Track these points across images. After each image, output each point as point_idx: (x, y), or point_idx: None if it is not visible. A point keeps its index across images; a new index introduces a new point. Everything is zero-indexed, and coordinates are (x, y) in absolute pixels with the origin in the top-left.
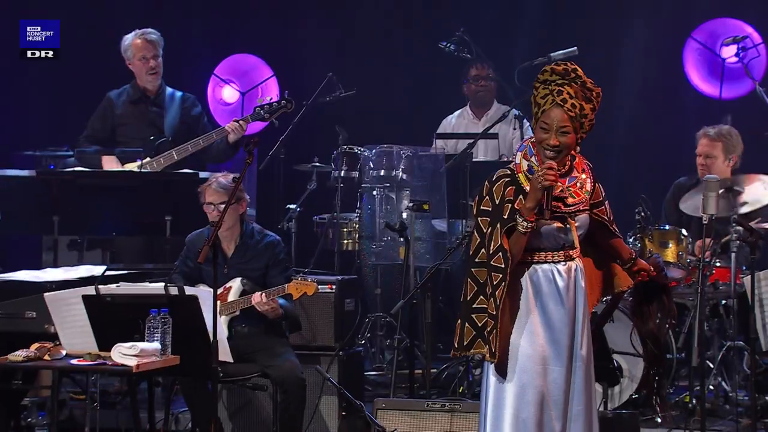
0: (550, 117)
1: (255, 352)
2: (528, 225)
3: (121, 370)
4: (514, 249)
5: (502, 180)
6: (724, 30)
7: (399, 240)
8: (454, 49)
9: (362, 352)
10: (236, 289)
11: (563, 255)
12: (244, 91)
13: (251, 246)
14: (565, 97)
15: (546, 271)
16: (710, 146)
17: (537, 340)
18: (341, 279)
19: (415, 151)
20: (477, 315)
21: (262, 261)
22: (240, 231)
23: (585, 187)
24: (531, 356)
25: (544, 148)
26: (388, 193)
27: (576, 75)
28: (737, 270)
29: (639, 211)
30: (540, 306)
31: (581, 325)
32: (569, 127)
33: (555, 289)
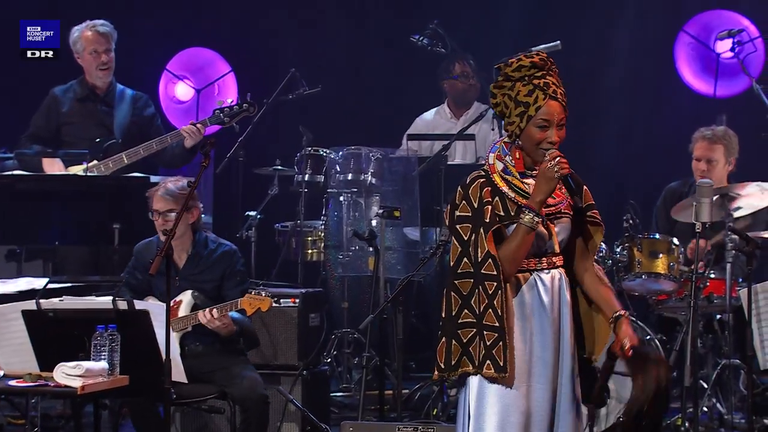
0: (549, 112)
1: (212, 372)
2: (538, 219)
3: (64, 391)
4: (521, 249)
5: (477, 182)
6: (719, 23)
7: (368, 249)
8: (428, 44)
9: (328, 372)
10: (187, 303)
11: (546, 262)
12: (200, 88)
13: (204, 256)
14: (554, 89)
15: (528, 279)
16: (711, 150)
17: (518, 354)
18: (305, 292)
19: (386, 153)
20: (463, 330)
21: (217, 272)
22: (192, 240)
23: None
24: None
25: (542, 149)
26: (356, 198)
27: (552, 64)
28: (733, 282)
29: (627, 218)
30: (522, 319)
31: (567, 339)
32: (565, 119)
33: (537, 299)
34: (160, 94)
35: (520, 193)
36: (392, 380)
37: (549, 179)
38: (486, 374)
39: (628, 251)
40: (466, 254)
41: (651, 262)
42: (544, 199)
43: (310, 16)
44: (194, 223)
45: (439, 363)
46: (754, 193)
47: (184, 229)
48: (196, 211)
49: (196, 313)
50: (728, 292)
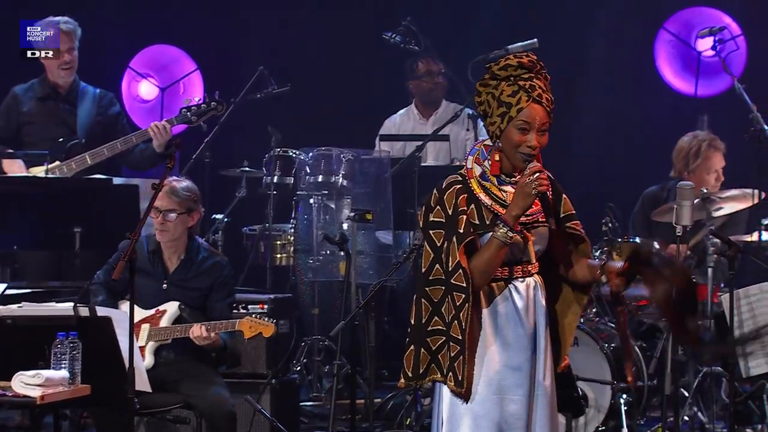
0: (530, 115)
1: (178, 381)
2: (512, 235)
3: (22, 401)
4: (493, 262)
5: (453, 187)
6: (700, 20)
7: (339, 254)
8: (401, 41)
9: (297, 380)
10: (171, 315)
11: (521, 270)
12: (164, 86)
13: (196, 263)
14: (539, 92)
15: (502, 288)
16: (723, 158)
17: (492, 365)
18: (274, 298)
19: (357, 155)
20: (432, 338)
21: (206, 281)
22: (186, 245)
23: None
24: (486, 384)
25: (521, 152)
26: (326, 201)
27: (541, 67)
28: (714, 287)
29: (606, 222)
30: (497, 328)
31: (543, 348)
32: (548, 125)
33: (512, 308)
34: (123, 93)
35: (498, 201)
36: (364, 389)
37: (526, 195)
38: (448, 386)
39: (607, 256)
40: (438, 261)
41: None
42: (520, 214)
43: (279, 12)
44: (192, 228)
45: (406, 371)
46: (737, 197)
47: (180, 232)
48: (197, 215)
49: (186, 327)
50: (710, 297)
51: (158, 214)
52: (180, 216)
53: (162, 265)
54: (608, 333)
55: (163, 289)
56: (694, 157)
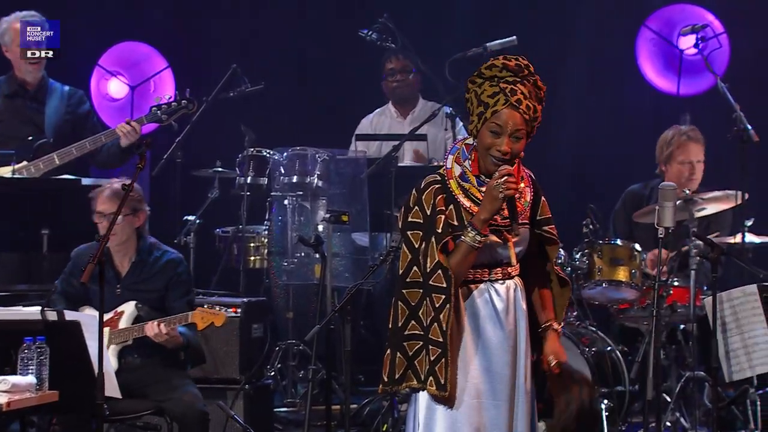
0: (503, 119)
1: (148, 386)
2: (481, 239)
3: None
4: (461, 266)
5: (431, 187)
6: (682, 18)
7: (314, 256)
8: (377, 38)
9: (272, 385)
10: (129, 315)
11: (501, 272)
12: (134, 84)
13: (149, 264)
14: (519, 98)
15: (482, 290)
16: (700, 151)
17: (471, 370)
18: (248, 301)
19: (333, 155)
20: (409, 343)
21: (161, 282)
22: (136, 246)
23: (524, 197)
24: (464, 388)
25: (491, 155)
26: (301, 202)
27: (529, 72)
28: (697, 290)
29: (587, 223)
30: (475, 330)
31: (523, 352)
32: (523, 132)
33: (492, 311)
34: (92, 91)
35: (477, 202)
36: (340, 394)
37: (494, 198)
38: (429, 391)
39: (588, 258)
40: (416, 263)
41: (612, 269)
42: (488, 218)
43: (253, 8)
44: (140, 228)
45: (383, 376)
46: (720, 198)
47: (128, 235)
48: (142, 214)
49: (142, 326)
50: (692, 300)
51: (102, 218)
52: (126, 218)
53: (113, 270)
54: (589, 337)
55: (116, 295)
56: (668, 145)
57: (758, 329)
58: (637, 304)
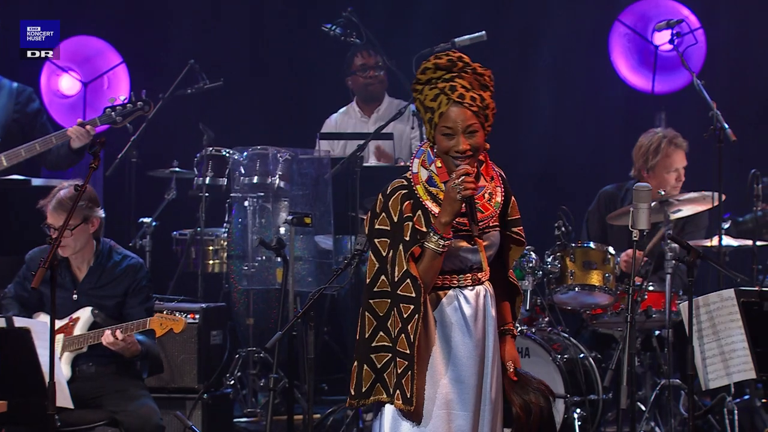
0: (452, 119)
1: (102, 396)
2: (444, 243)
3: None
4: (428, 274)
5: (398, 193)
6: (657, 12)
7: (276, 260)
8: (341, 33)
9: (231, 395)
10: (85, 321)
11: (470, 278)
12: (87, 81)
13: (108, 269)
14: (461, 92)
15: (451, 297)
16: (685, 156)
17: (439, 379)
18: (206, 307)
19: (295, 154)
20: (377, 355)
21: (120, 288)
22: (94, 251)
23: (494, 198)
24: (433, 398)
25: (453, 157)
26: (262, 203)
27: (464, 63)
28: (673, 295)
29: (559, 226)
30: (443, 339)
31: (491, 360)
32: (476, 125)
33: (461, 318)
34: (42, 88)
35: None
36: (302, 404)
37: (452, 200)
38: (396, 405)
39: (560, 262)
40: (383, 272)
41: (585, 273)
42: (449, 220)
43: (212, 0)
44: (96, 232)
45: (350, 389)
46: (696, 199)
47: (83, 242)
48: (96, 220)
49: (98, 333)
50: (668, 305)
51: (55, 231)
52: (78, 227)
53: (70, 275)
54: (561, 343)
55: (73, 300)
56: (654, 154)
57: (736, 335)
58: (611, 309)
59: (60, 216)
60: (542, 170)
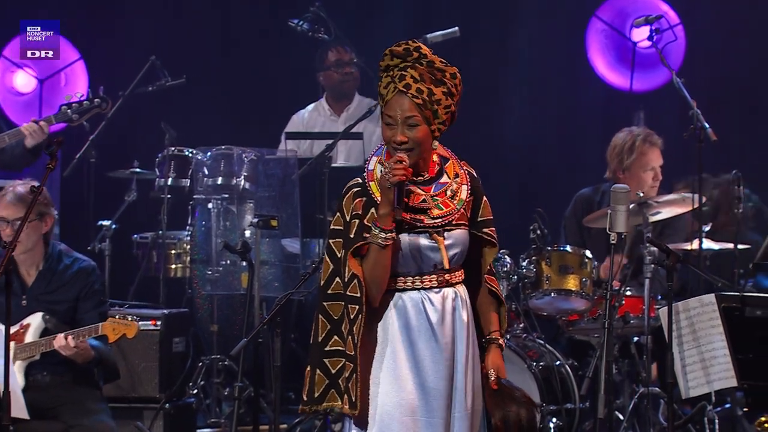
0: (393, 107)
1: (58, 407)
2: (386, 235)
3: None
4: (376, 270)
5: (350, 192)
6: (635, 8)
7: (241, 264)
8: (308, 28)
9: (194, 404)
10: (36, 328)
11: (436, 280)
12: (43, 78)
13: (58, 273)
14: (408, 82)
15: (415, 300)
16: (660, 155)
17: (404, 385)
18: (168, 313)
19: (261, 154)
20: (330, 360)
21: (72, 292)
22: (44, 254)
23: (458, 195)
24: (397, 405)
25: (394, 148)
26: (227, 205)
27: (420, 54)
28: (651, 300)
29: (534, 229)
30: (407, 343)
31: (463, 366)
32: (418, 118)
33: (426, 322)
34: None
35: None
36: (268, 413)
37: (384, 189)
38: (344, 410)
39: (536, 266)
40: (338, 273)
41: (561, 278)
42: (386, 211)
43: None
44: (47, 234)
45: (303, 394)
46: (675, 202)
47: (35, 241)
48: (50, 219)
49: (49, 339)
50: (646, 311)
51: (5, 225)
52: (31, 223)
53: (19, 280)
54: (537, 350)
55: (22, 306)
56: (629, 153)
57: (716, 342)
58: (588, 315)
59: (16, 208)
60: (517, 171)
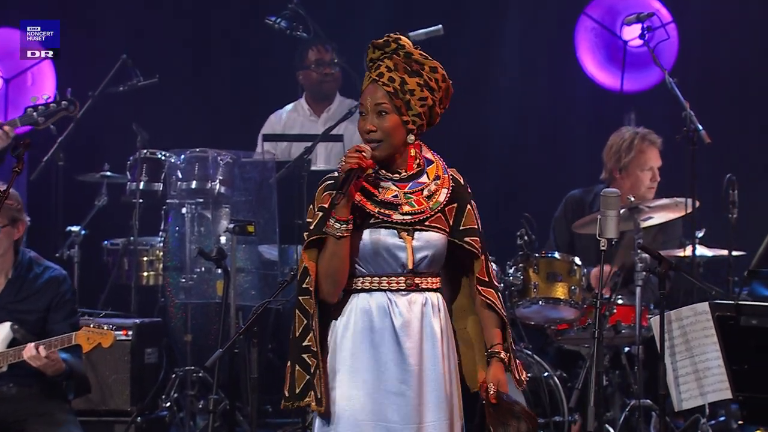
0: (365, 97)
1: (25, 420)
2: (340, 226)
3: None
4: (332, 262)
5: (322, 186)
6: (625, 5)
7: (216, 272)
8: (286, 26)
9: (167, 418)
10: (3, 338)
11: (404, 282)
12: (8, 77)
13: (28, 281)
14: (381, 71)
15: (380, 302)
16: (659, 155)
17: (366, 387)
18: (140, 322)
19: (237, 157)
20: (308, 355)
21: (42, 302)
22: (13, 261)
23: (435, 197)
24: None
25: (365, 140)
26: (201, 210)
27: (398, 45)
28: (643, 309)
29: (521, 234)
30: (370, 345)
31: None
32: (387, 106)
33: (390, 325)
34: None
35: (370, 196)
36: (245, 427)
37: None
38: (312, 407)
39: (523, 273)
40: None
41: (549, 285)
42: (338, 202)
43: None
44: (18, 241)
45: (284, 390)
46: (668, 206)
47: (5, 248)
48: (22, 225)
49: (18, 350)
50: (638, 320)
51: None
52: (3, 229)
53: None
54: (524, 361)
55: None
56: (627, 151)
57: (710, 352)
58: (577, 324)
59: None
60: (503, 174)
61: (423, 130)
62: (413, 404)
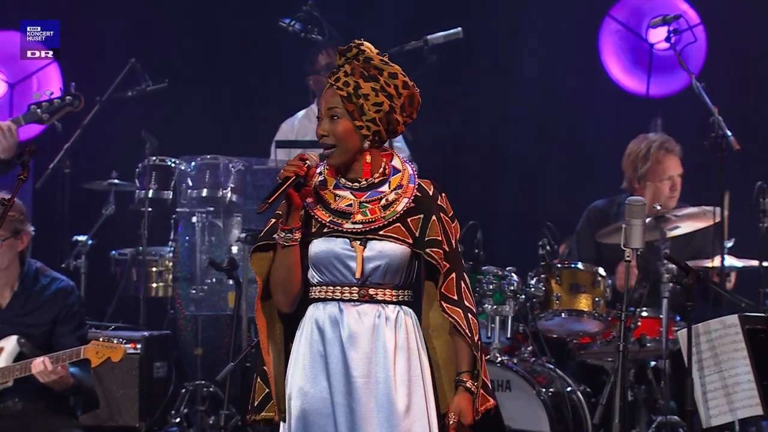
0: (321, 101)
1: None
2: (286, 235)
3: None
4: (279, 270)
5: None
6: (651, 7)
7: (227, 283)
8: (301, 29)
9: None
10: (10, 352)
11: (357, 293)
12: (14, 82)
13: (34, 294)
14: (339, 76)
15: (331, 312)
16: (680, 164)
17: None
18: (149, 335)
19: (249, 164)
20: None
21: (49, 314)
22: (19, 273)
23: (393, 207)
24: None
25: (321, 146)
26: (212, 219)
27: (359, 51)
28: (670, 322)
29: (543, 244)
30: (321, 356)
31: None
32: (339, 110)
33: (338, 335)
34: None
35: (324, 205)
36: None
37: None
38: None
39: (545, 284)
40: None
41: (572, 297)
42: (282, 212)
43: None
44: (23, 252)
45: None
46: (696, 215)
47: (10, 259)
48: (26, 236)
49: (25, 364)
50: (664, 333)
51: None
52: (6, 241)
53: None
54: (546, 375)
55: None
56: (643, 161)
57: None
58: (601, 338)
59: None
60: (525, 182)
61: (382, 138)
62: (362, 417)
